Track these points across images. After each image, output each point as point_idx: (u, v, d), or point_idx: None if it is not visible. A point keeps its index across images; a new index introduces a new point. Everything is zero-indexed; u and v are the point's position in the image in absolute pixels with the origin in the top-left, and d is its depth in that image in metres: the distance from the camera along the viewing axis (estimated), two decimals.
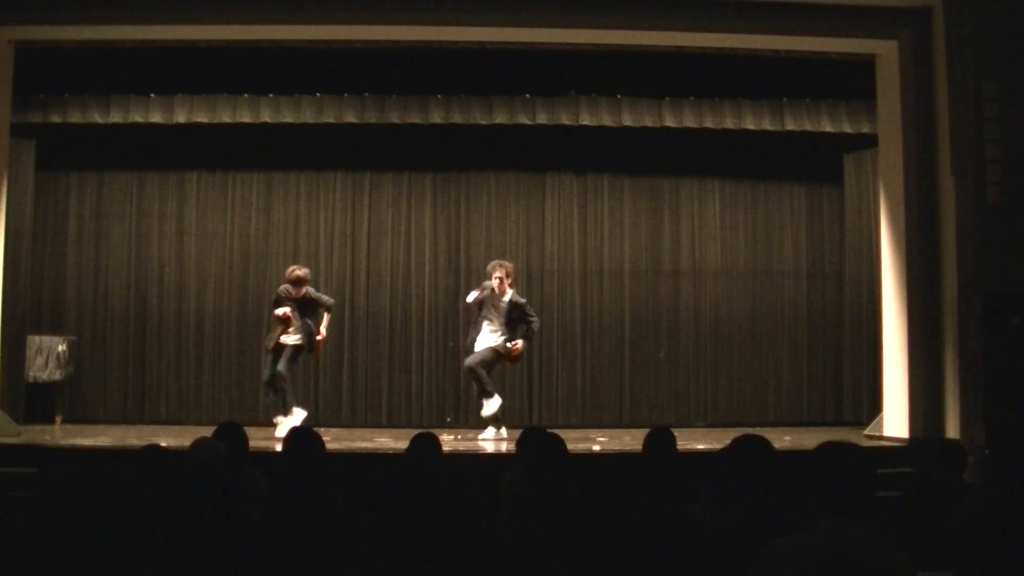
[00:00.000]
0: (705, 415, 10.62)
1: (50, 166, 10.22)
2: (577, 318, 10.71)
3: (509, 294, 8.71)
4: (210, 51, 9.11)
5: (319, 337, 8.90)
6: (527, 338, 8.81)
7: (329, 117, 9.98)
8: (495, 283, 8.63)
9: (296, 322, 8.77)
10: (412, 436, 4.66)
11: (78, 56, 9.19)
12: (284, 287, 8.87)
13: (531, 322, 8.73)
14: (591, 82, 9.87)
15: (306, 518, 3.82)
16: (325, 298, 9.07)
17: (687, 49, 8.97)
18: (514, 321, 8.69)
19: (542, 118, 10.01)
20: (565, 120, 10.04)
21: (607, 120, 10.03)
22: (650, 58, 9.31)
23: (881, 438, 8.52)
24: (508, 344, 8.65)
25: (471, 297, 8.75)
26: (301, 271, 8.90)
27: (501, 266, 8.75)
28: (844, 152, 10.53)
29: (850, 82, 9.43)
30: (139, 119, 9.88)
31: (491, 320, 8.69)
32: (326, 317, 8.93)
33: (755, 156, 10.73)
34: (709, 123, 10.06)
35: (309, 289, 8.90)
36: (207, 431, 4.86)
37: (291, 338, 8.78)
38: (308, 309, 8.86)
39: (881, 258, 8.90)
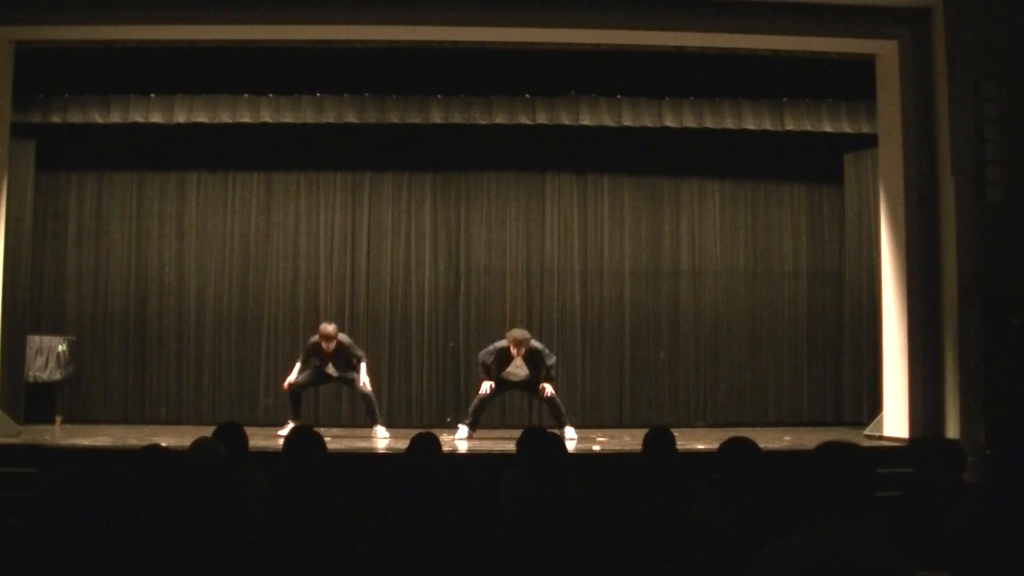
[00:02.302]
0: (705, 415, 10.62)
1: (50, 166, 10.22)
2: (577, 318, 10.71)
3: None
4: (210, 51, 9.10)
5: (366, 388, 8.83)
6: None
7: (329, 117, 9.98)
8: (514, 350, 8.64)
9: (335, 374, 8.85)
10: (412, 436, 4.66)
11: (78, 56, 9.19)
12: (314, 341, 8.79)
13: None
14: (591, 82, 9.88)
15: (306, 518, 3.82)
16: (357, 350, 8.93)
17: (687, 49, 8.96)
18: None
19: (542, 118, 10.02)
20: (565, 120, 10.04)
21: (607, 120, 10.04)
22: (650, 58, 9.31)
23: (881, 438, 8.52)
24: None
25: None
26: (330, 327, 8.78)
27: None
28: (844, 152, 10.53)
29: (850, 82, 9.43)
30: (139, 119, 9.88)
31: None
32: (363, 367, 8.84)
33: (755, 156, 10.73)
34: (709, 123, 10.06)
35: (341, 338, 8.78)
36: (207, 431, 4.85)
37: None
38: (342, 359, 8.81)
39: (881, 258, 8.90)
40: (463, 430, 8.64)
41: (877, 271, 9.18)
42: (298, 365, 8.87)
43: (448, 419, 10.40)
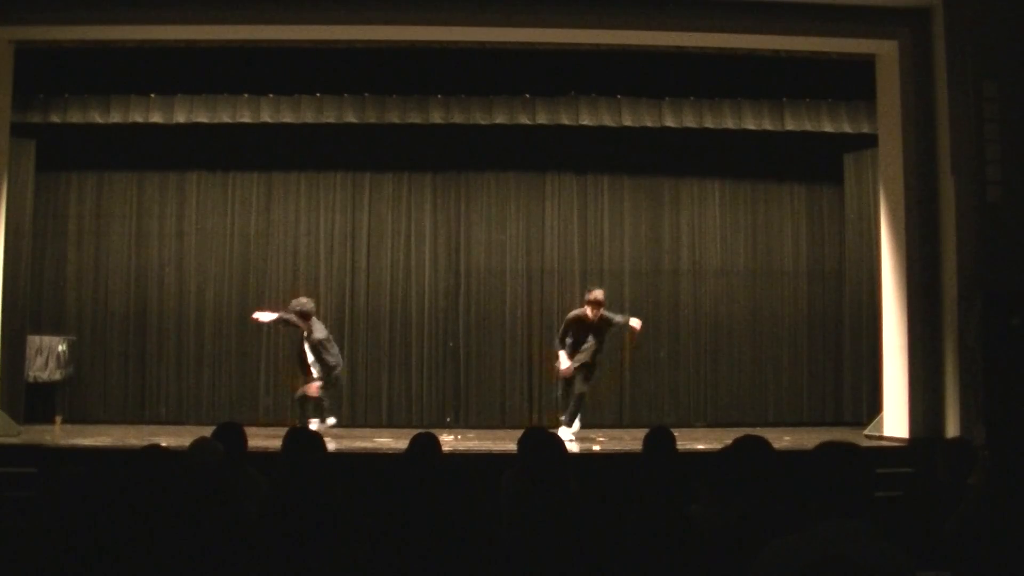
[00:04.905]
0: (705, 415, 10.62)
1: (50, 166, 10.22)
2: None
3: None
4: (210, 51, 9.11)
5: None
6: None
7: (329, 117, 9.97)
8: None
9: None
10: (412, 436, 4.66)
11: (78, 56, 9.20)
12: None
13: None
14: (591, 82, 9.87)
15: (306, 518, 3.82)
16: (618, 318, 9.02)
17: (687, 49, 8.98)
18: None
19: (542, 118, 10.01)
20: (565, 120, 10.03)
21: (607, 120, 10.03)
22: (650, 58, 9.32)
23: (881, 438, 8.52)
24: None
25: None
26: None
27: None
28: (844, 152, 10.53)
29: (850, 82, 9.43)
30: (139, 119, 9.87)
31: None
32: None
33: (755, 156, 10.73)
34: (709, 123, 10.05)
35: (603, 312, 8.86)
36: (207, 431, 4.86)
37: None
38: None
39: (881, 258, 8.90)
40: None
41: (877, 271, 9.18)
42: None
43: (448, 419, 10.41)
